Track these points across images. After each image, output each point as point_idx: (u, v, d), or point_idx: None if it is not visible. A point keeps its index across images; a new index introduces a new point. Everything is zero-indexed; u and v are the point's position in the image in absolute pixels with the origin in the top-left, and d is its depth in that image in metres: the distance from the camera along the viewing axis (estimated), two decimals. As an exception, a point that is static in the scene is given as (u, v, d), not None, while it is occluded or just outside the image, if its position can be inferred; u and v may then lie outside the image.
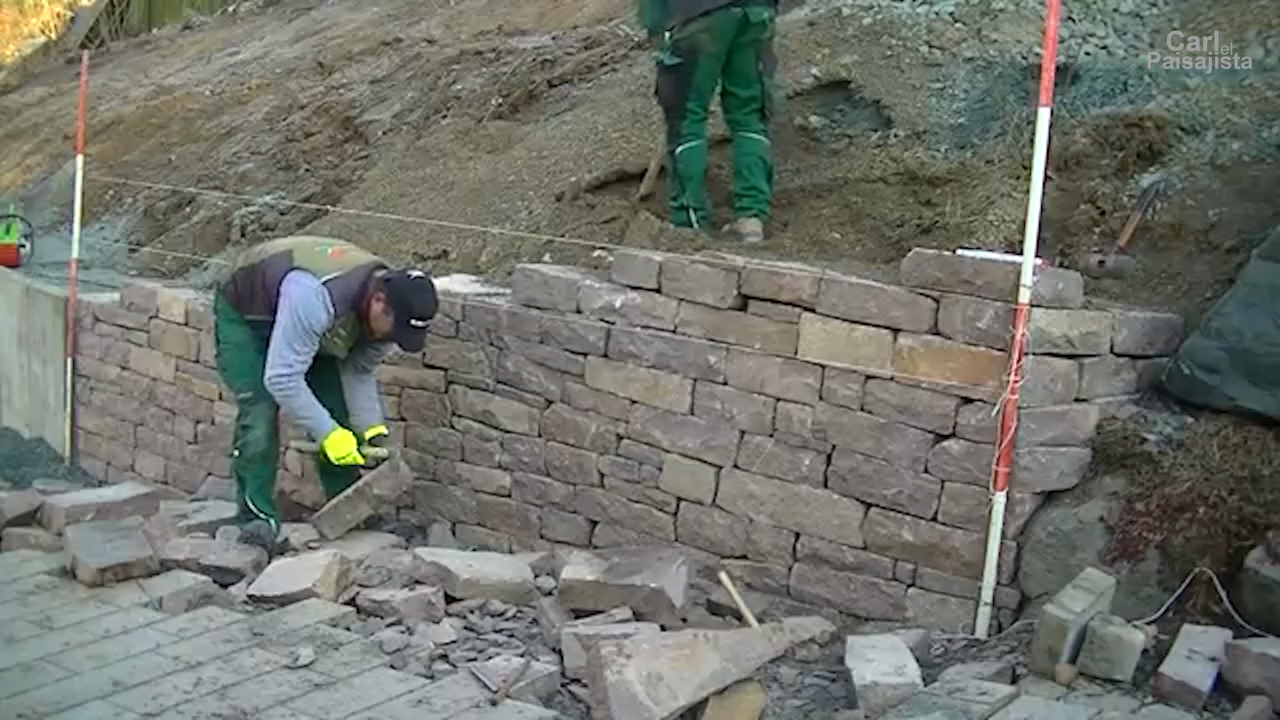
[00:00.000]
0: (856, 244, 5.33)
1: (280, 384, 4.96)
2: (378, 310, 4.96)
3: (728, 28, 5.35)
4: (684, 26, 5.35)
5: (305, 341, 4.93)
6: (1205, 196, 4.85)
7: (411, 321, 4.94)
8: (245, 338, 5.17)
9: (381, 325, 4.98)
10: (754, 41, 5.47)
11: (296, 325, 4.90)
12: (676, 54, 5.40)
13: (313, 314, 4.90)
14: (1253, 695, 3.36)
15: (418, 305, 4.96)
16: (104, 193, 9.69)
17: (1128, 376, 4.32)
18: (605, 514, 4.97)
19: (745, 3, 5.35)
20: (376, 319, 4.97)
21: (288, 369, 4.94)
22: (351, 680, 3.73)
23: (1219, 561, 3.78)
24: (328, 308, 4.91)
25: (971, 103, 5.72)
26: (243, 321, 5.16)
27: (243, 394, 5.15)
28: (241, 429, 5.14)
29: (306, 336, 4.93)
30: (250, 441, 5.11)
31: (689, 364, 4.70)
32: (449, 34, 10.40)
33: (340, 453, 5.04)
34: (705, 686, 3.46)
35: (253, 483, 5.11)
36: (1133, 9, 5.91)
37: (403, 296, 4.94)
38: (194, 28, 15.29)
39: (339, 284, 4.95)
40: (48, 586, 4.44)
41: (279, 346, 4.94)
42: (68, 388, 7.45)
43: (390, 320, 4.95)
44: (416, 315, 4.95)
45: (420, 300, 4.96)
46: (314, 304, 4.90)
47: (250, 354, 5.12)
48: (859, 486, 4.33)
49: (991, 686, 3.51)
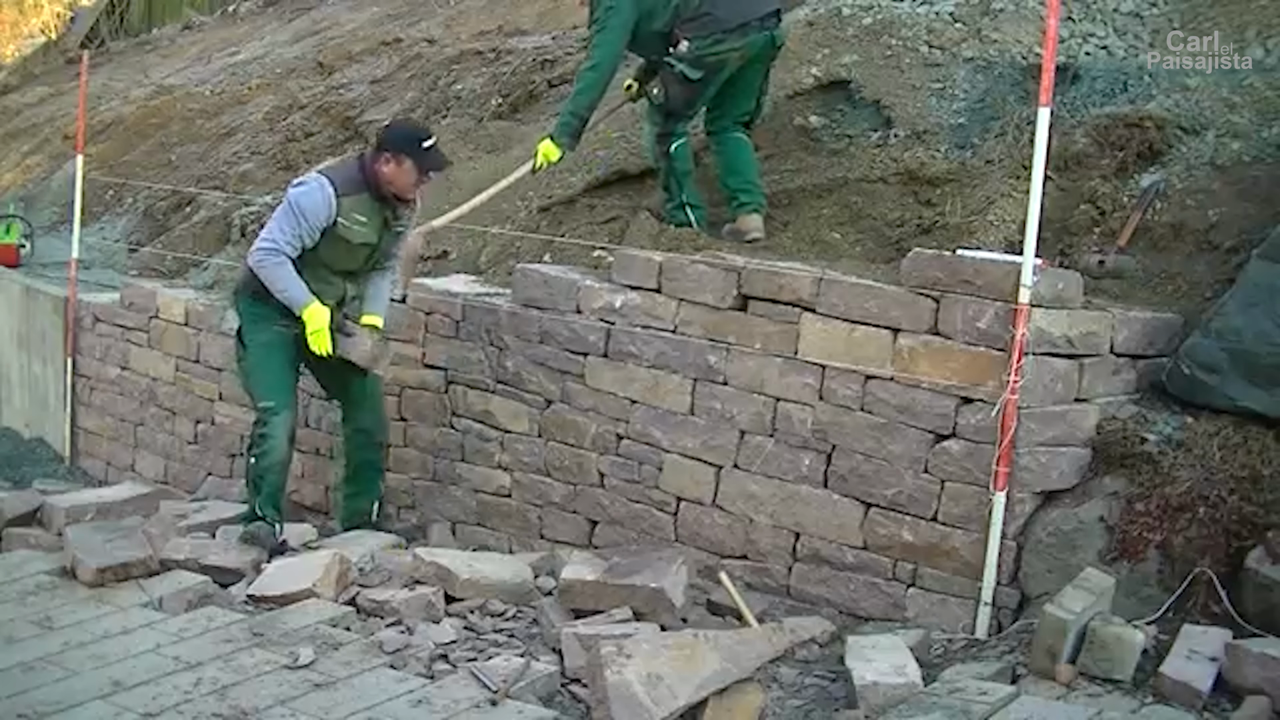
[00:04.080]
0: (856, 244, 5.33)
1: (262, 258, 4.95)
2: (390, 169, 4.97)
3: (756, 49, 5.35)
4: (715, 43, 5.27)
5: (296, 225, 4.92)
6: (1205, 196, 4.84)
7: (422, 145, 5.00)
8: (273, 338, 5.08)
9: (402, 177, 4.98)
10: (769, 61, 5.50)
11: (290, 210, 4.95)
12: (699, 68, 5.31)
13: (308, 199, 4.92)
14: (1253, 695, 3.36)
15: (414, 130, 5.21)
16: (104, 193, 9.69)
17: (1128, 376, 4.32)
18: (605, 514, 4.97)
19: (773, 26, 5.37)
20: (395, 177, 4.98)
21: (273, 244, 4.94)
22: (351, 680, 3.73)
23: (1219, 561, 3.78)
24: (326, 193, 4.91)
25: (971, 103, 5.72)
26: (269, 314, 5.05)
27: (265, 402, 5.05)
28: (260, 437, 5.05)
29: (298, 220, 4.92)
30: (268, 450, 5.03)
31: (689, 364, 4.70)
32: (449, 34, 10.40)
33: (316, 324, 4.96)
34: (705, 686, 3.46)
35: (265, 489, 5.06)
36: (1133, 9, 5.90)
37: (397, 135, 5.08)
38: (194, 28, 15.28)
39: (335, 171, 5.04)
40: (48, 586, 4.44)
41: (269, 227, 5.01)
42: (68, 388, 7.45)
43: (407, 163, 4.96)
44: (420, 138, 5.05)
45: (411, 126, 5.34)
46: (312, 191, 4.93)
47: (277, 359, 5.08)
48: (859, 486, 4.33)
49: (991, 686, 3.52)
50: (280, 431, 5.02)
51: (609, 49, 5.35)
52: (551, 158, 5.46)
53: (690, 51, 5.28)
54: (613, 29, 5.30)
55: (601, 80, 5.40)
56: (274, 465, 5.04)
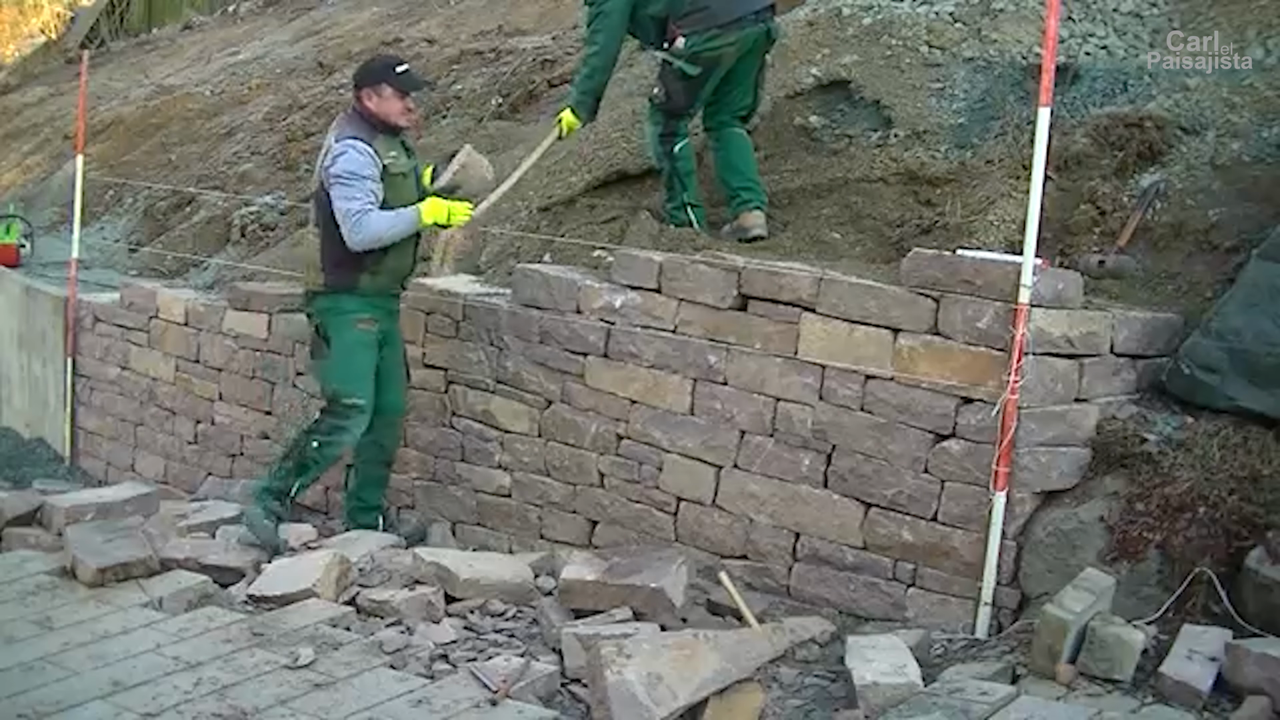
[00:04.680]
0: (856, 244, 5.33)
1: (355, 226, 4.91)
2: (374, 103, 5.06)
3: (751, 42, 5.38)
4: (711, 39, 5.30)
5: (360, 185, 4.92)
6: (1205, 196, 4.84)
7: (396, 70, 5.14)
8: (361, 338, 5.07)
9: (386, 106, 5.06)
10: (763, 54, 5.53)
11: (345, 181, 4.91)
12: (696, 64, 5.35)
13: (353, 160, 4.93)
14: (1253, 695, 3.36)
15: (382, 60, 5.48)
16: (104, 193, 9.70)
17: (1128, 376, 4.32)
18: (605, 514, 4.97)
19: (768, 19, 5.40)
20: (380, 108, 5.06)
21: (355, 213, 4.90)
22: (351, 680, 3.73)
23: (1219, 561, 3.78)
24: (360, 146, 4.94)
25: (971, 103, 5.72)
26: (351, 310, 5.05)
27: (351, 399, 5.04)
28: (335, 428, 5.05)
29: (358, 182, 4.92)
30: (339, 443, 5.08)
31: (689, 364, 4.70)
32: (449, 34, 10.41)
33: (437, 213, 5.03)
34: (705, 686, 3.46)
35: (309, 476, 5.11)
36: (1133, 9, 5.90)
37: (368, 70, 5.22)
38: (194, 28, 15.30)
39: (345, 129, 5.04)
40: (48, 586, 4.44)
41: (341, 208, 4.93)
42: (68, 388, 7.45)
43: (386, 91, 5.06)
44: (390, 64, 5.23)
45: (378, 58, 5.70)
46: (348, 151, 4.95)
47: (366, 359, 5.08)
48: (859, 486, 4.33)
49: (991, 686, 3.51)
50: (358, 431, 5.08)
51: (610, 33, 5.41)
52: (574, 126, 5.54)
53: (686, 48, 5.32)
54: (610, 12, 5.36)
55: (605, 64, 5.46)
56: (334, 459, 5.13)
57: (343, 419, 5.06)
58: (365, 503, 5.39)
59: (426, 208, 5.03)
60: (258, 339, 6.34)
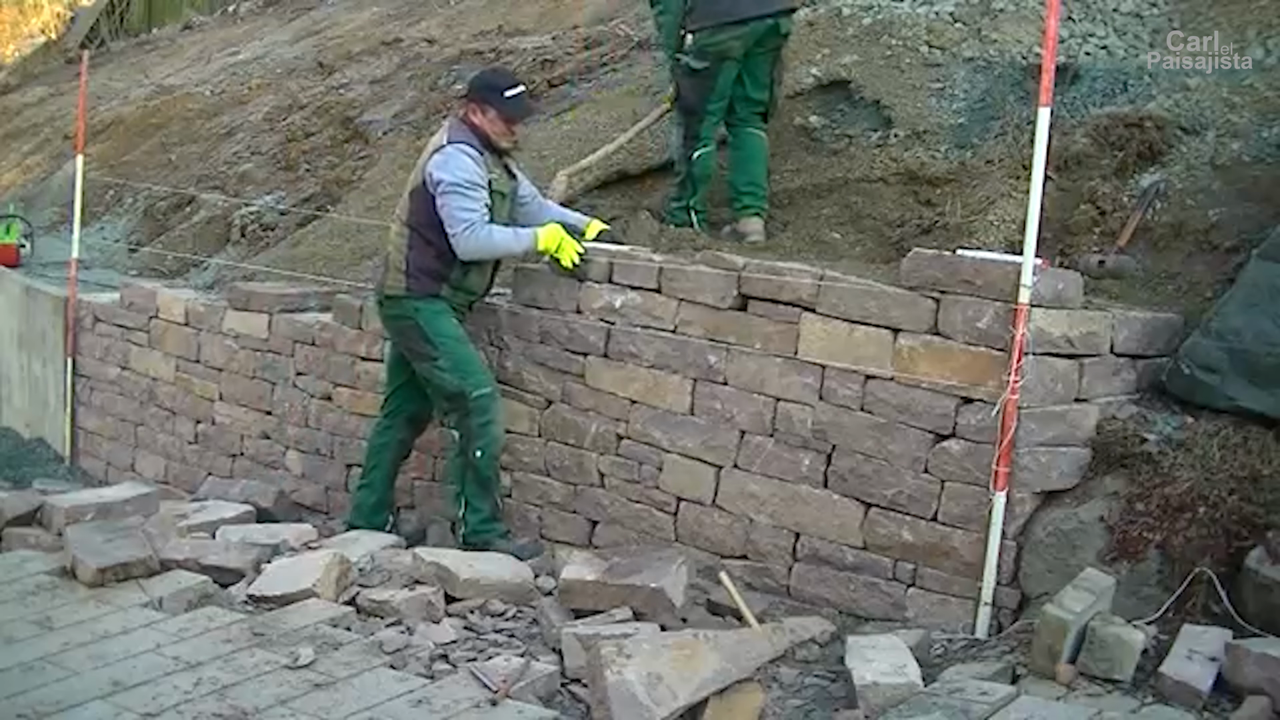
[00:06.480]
0: (856, 244, 5.33)
1: (469, 236, 4.83)
2: (479, 118, 4.97)
3: (757, 35, 5.41)
4: (714, 33, 5.35)
5: (471, 192, 4.85)
6: (1205, 196, 4.84)
7: (504, 94, 4.99)
8: (460, 330, 5.03)
9: (490, 126, 4.98)
10: (776, 49, 5.55)
11: (456, 189, 4.83)
12: (703, 59, 5.39)
13: (463, 168, 4.85)
14: (1253, 695, 3.36)
15: (496, 78, 5.24)
16: (104, 193, 9.69)
17: (1128, 376, 4.32)
18: (605, 514, 4.97)
19: (776, 14, 5.42)
20: (485, 125, 4.97)
21: (468, 222, 4.83)
22: (351, 680, 3.73)
23: (1219, 561, 3.78)
24: (469, 151, 4.88)
25: (971, 103, 5.72)
26: (446, 307, 5.01)
27: (478, 391, 4.93)
28: (480, 426, 4.93)
29: (468, 190, 4.84)
30: (495, 437, 4.98)
31: (689, 364, 4.70)
32: (449, 34, 10.40)
33: (550, 243, 4.92)
34: (705, 686, 3.46)
35: (495, 484, 5.01)
36: (1133, 9, 5.91)
37: (481, 84, 5.12)
38: (194, 28, 15.29)
39: (453, 135, 4.95)
40: (48, 586, 4.43)
41: (451, 218, 4.84)
42: (68, 388, 7.45)
43: (491, 112, 4.97)
44: (502, 86, 5.05)
45: (494, 73, 5.43)
46: (459, 157, 4.87)
47: (471, 348, 5.03)
48: (859, 486, 4.33)
49: (991, 686, 3.51)
50: (500, 414, 5.02)
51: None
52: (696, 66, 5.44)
53: (694, 43, 5.39)
54: None
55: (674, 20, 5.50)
56: (499, 453, 5.04)
57: (482, 413, 4.95)
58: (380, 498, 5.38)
59: (545, 233, 4.94)
60: (258, 339, 6.34)
